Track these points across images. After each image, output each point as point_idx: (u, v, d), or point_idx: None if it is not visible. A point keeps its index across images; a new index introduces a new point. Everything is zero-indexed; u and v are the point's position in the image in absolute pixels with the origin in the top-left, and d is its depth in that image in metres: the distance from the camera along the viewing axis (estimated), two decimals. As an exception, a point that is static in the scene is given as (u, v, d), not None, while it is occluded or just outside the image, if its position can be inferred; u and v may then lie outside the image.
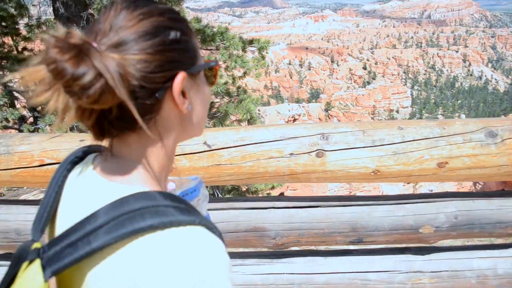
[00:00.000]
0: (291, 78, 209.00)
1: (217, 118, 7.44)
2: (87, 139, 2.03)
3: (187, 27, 0.79)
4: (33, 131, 8.14)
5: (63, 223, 0.80)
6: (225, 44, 7.44)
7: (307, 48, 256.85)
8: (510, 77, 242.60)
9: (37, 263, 0.70)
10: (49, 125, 7.18)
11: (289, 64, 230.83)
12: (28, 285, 0.69)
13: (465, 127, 2.09)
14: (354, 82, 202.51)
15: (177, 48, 0.74)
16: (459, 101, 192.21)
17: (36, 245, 0.74)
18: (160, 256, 0.64)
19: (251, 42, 8.49)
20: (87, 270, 0.70)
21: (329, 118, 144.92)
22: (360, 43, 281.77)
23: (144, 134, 0.73)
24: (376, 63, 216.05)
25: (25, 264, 0.70)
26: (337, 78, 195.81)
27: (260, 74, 8.72)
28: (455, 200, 2.30)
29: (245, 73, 8.30)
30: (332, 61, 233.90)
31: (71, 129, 6.36)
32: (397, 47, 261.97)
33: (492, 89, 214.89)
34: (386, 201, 2.33)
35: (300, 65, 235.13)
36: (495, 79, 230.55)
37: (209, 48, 7.67)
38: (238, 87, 8.66)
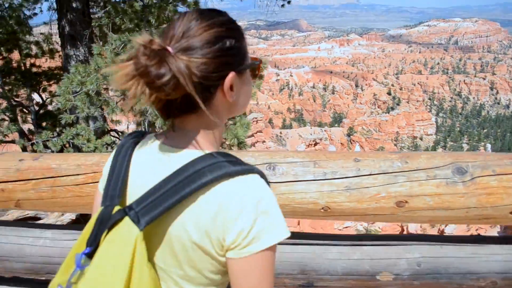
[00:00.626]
0: (314, 101, 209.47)
1: None
2: (27, 158, 2.14)
3: (239, 35, 1.07)
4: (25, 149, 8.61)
5: (138, 188, 1.04)
6: None
7: (331, 72, 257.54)
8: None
9: (127, 219, 0.96)
10: (46, 141, 7.30)
11: (313, 87, 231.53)
12: (124, 238, 0.93)
13: (431, 161, 1.87)
14: (378, 107, 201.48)
15: (230, 54, 1.01)
16: (485, 130, 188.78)
17: (117, 208, 1.00)
18: (234, 191, 0.96)
19: None
20: (170, 220, 0.98)
21: (351, 143, 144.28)
22: (385, 68, 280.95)
23: (202, 114, 1.00)
24: (401, 89, 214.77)
25: (112, 223, 0.96)
26: (360, 103, 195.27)
27: (255, 95, 8.47)
28: (420, 245, 2.06)
29: None
30: (357, 86, 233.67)
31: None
32: (422, 73, 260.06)
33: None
34: (341, 241, 2.13)
35: (324, 89, 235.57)
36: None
37: None
38: None
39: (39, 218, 4.81)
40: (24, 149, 8.59)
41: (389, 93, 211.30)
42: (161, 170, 1.01)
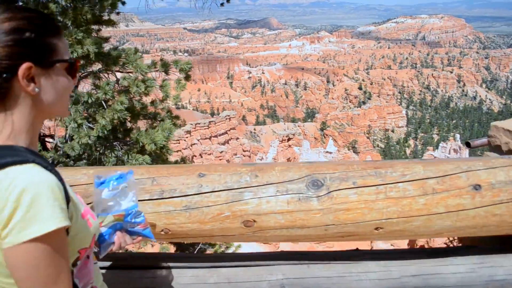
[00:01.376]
0: (287, 97, 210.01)
1: (129, 145, 6.80)
2: None
3: (47, 31, 1.08)
4: None
5: None
6: (129, 67, 6.81)
7: (303, 69, 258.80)
8: (504, 97, 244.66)
9: None
10: None
11: (285, 84, 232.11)
12: None
13: (284, 174, 1.67)
14: (350, 102, 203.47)
15: (27, 45, 1.03)
16: (454, 121, 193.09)
17: None
18: (1, 181, 0.92)
19: (157, 64, 7.46)
20: None
21: (324, 137, 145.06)
22: (355, 63, 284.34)
23: None
24: (371, 83, 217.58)
25: None
26: (332, 98, 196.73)
27: (178, 97, 7.74)
28: (284, 264, 1.82)
29: (166, 96, 7.47)
30: (328, 81, 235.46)
31: None
32: (392, 67, 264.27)
33: (486, 109, 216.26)
34: (197, 263, 1.85)
35: (296, 85, 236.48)
36: (490, 99, 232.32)
37: (116, 70, 7.06)
38: (162, 109, 7.85)
39: None
40: None
41: (360, 88, 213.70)
42: None
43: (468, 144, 2.78)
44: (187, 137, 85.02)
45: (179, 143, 78.31)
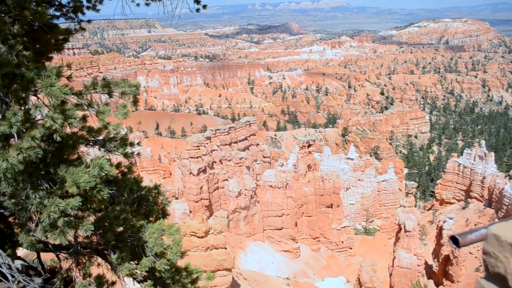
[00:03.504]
0: (308, 103, 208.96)
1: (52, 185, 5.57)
2: None
3: None
4: None
5: None
6: (43, 92, 5.38)
7: (324, 74, 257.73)
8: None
9: None
10: None
11: (306, 89, 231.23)
12: None
13: None
14: (372, 107, 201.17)
15: None
16: (479, 127, 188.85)
17: None
18: None
19: (102, 85, 6.06)
20: None
21: (346, 143, 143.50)
22: (377, 68, 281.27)
23: None
24: (393, 89, 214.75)
25: None
26: (354, 103, 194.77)
27: (119, 126, 6.40)
28: None
29: (104, 126, 6.14)
30: (350, 87, 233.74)
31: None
32: (414, 72, 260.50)
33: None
34: None
35: (317, 91, 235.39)
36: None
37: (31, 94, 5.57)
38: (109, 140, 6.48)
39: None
40: None
41: (382, 93, 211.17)
42: None
43: (455, 241, 1.96)
44: (207, 143, 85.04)
45: (199, 149, 78.37)
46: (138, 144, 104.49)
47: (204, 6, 9.48)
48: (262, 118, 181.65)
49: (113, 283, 6.50)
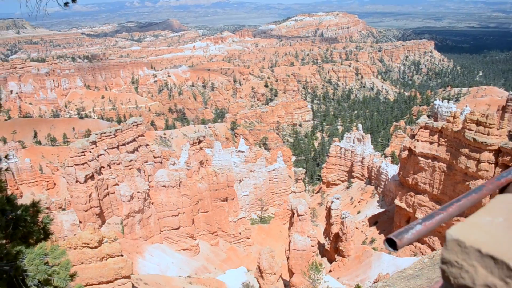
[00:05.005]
0: (195, 99, 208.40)
1: None
2: None
3: None
4: None
5: None
6: None
7: (209, 70, 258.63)
8: (397, 86, 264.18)
9: None
10: None
11: (192, 86, 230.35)
12: None
13: None
14: (258, 100, 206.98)
15: None
16: (356, 112, 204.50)
17: None
18: None
19: None
20: None
21: (235, 136, 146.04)
22: (260, 62, 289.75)
23: None
24: (276, 81, 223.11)
25: None
26: (240, 97, 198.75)
27: None
28: None
29: None
30: (235, 81, 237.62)
31: None
32: (295, 64, 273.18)
33: (383, 98, 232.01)
34: None
35: (204, 86, 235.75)
36: (385, 89, 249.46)
37: None
38: None
39: None
40: None
41: (266, 86, 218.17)
42: None
43: (391, 243, 1.70)
44: (92, 148, 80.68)
45: (84, 155, 74.12)
46: (10, 156, 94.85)
47: (74, 0, 8.95)
48: (149, 118, 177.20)
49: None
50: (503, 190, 2.25)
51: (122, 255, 43.81)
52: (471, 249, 1.40)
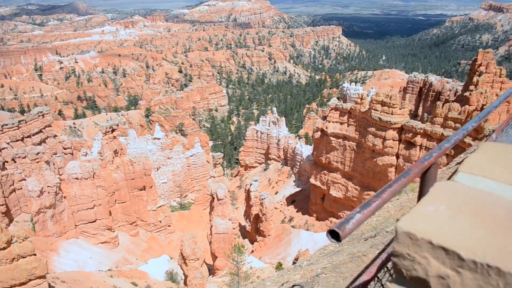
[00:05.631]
0: (106, 86, 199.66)
1: None
2: None
3: None
4: None
5: None
6: None
7: (119, 55, 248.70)
8: (309, 70, 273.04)
9: None
10: None
11: (102, 72, 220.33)
12: None
13: None
14: (172, 85, 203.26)
15: None
16: (270, 95, 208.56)
17: None
18: None
19: None
20: None
21: (151, 123, 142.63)
22: (173, 47, 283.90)
23: None
24: (191, 66, 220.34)
25: None
26: (154, 83, 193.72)
27: None
28: None
29: None
30: (147, 67, 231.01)
31: None
32: (208, 49, 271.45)
33: (296, 82, 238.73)
34: None
35: (115, 73, 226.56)
36: (297, 73, 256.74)
37: None
38: None
39: None
40: None
41: (180, 71, 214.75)
42: None
43: (334, 235, 1.69)
44: (-7, 141, 74.60)
45: (-16, 149, 68.35)
46: None
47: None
48: (56, 107, 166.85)
49: None
50: (425, 172, 2.46)
51: (35, 254, 41.40)
52: (422, 241, 1.42)
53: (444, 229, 1.42)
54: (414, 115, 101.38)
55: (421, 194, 2.52)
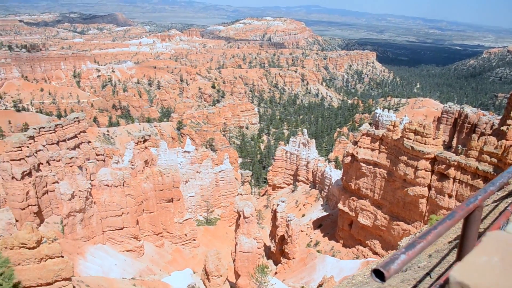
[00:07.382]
0: (140, 97, 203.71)
1: None
2: None
3: None
4: None
5: None
6: None
7: (155, 67, 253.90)
8: (341, 94, 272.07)
9: None
10: None
11: (138, 83, 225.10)
12: None
13: None
14: (204, 100, 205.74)
15: None
16: (301, 117, 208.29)
17: None
18: None
19: None
20: None
21: (181, 136, 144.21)
22: (207, 62, 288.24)
23: None
24: (224, 82, 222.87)
25: None
26: (187, 97, 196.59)
27: None
28: None
29: None
30: (182, 80, 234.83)
31: None
32: (242, 67, 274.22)
33: (327, 105, 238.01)
34: None
35: (149, 84, 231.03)
36: (330, 96, 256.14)
37: None
38: None
39: None
40: None
41: (213, 87, 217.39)
42: None
43: (379, 274, 1.70)
44: (30, 143, 76.62)
45: (21, 150, 70.23)
46: None
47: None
48: (92, 114, 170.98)
49: None
50: (469, 214, 2.43)
51: (62, 256, 41.92)
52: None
53: (497, 282, 1.39)
54: (447, 147, 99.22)
55: (463, 237, 2.52)
